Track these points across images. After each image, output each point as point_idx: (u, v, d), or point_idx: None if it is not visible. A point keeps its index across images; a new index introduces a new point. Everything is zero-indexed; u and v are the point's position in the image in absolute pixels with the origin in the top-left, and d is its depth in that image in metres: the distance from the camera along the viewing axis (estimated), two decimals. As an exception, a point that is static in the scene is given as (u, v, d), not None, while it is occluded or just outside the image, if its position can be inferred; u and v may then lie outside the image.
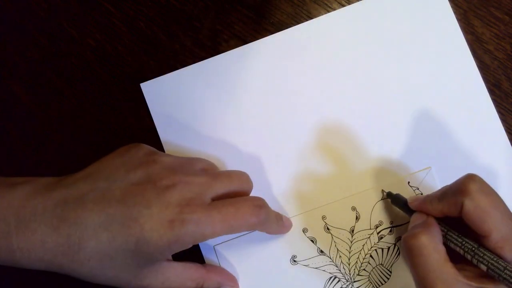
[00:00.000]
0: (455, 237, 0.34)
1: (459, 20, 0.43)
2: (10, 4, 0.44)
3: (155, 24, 0.44)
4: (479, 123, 0.42)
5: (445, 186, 0.37)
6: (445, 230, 0.35)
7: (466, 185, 0.33)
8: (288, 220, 0.41)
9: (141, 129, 0.43)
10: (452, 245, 0.34)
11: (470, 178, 0.33)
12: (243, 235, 0.41)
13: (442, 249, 0.33)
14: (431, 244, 0.33)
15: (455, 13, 0.43)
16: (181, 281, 0.36)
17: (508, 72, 0.43)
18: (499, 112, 0.42)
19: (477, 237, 0.33)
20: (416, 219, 0.36)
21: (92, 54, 0.44)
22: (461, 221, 0.33)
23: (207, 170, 0.39)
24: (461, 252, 0.33)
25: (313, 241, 0.41)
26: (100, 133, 0.43)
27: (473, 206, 0.32)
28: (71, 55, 0.44)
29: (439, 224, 0.35)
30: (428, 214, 0.36)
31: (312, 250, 0.41)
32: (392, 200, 0.40)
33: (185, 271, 0.36)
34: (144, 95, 0.43)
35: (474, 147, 0.42)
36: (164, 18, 0.44)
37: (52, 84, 0.44)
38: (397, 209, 0.40)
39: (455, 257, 0.33)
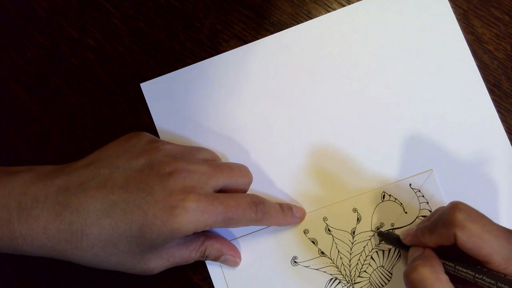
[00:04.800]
0: (464, 269, 0.33)
1: (459, 20, 0.43)
2: (10, 4, 0.44)
3: (155, 24, 0.44)
4: (479, 123, 0.42)
5: (434, 213, 0.36)
6: (452, 265, 0.34)
7: (454, 216, 0.32)
8: (299, 210, 0.41)
9: (141, 128, 0.43)
10: (462, 276, 0.33)
11: (456, 208, 0.33)
12: (244, 235, 0.41)
13: (445, 278, 0.32)
14: (433, 274, 0.32)
15: (455, 13, 0.43)
16: (186, 253, 0.36)
17: (508, 72, 0.43)
18: (499, 112, 0.42)
19: (478, 262, 0.32)
20: (414, 252, 0.36)
21: (92, 54, 0.44)
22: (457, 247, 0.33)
23: (209, 160, 0.39)
24: (472, 280, 0.33)
25: (314, 242, 0.41)
26: (100, 133, 0.43)
27: (466, 236, 0.31)
28: (71, 55, 0.44)
29: (445, 261, 0.34)
30: (424, 247, 0.35)
31: (313, 251, 0.41)
32: (384, 239, 0.40)
33: (187, 243, 0.37)
34: (144, 95, 0.43)
35: (474, 147, 0.42)
36: (164, 18, 0.44)
37: (52, 84, 0.44)
38: (398, 213, 0.40)
39: (457, 282, 0.33)
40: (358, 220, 0.41)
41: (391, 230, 0.40)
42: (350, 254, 0.41)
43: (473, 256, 0.32)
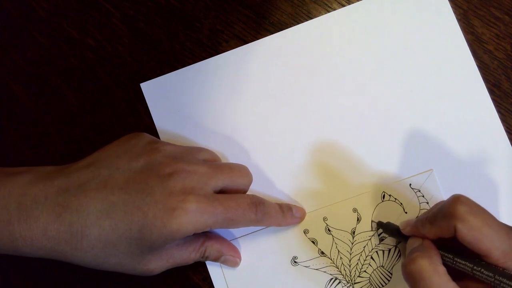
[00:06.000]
0: (463, 261, 0.33)
1: (459, 20, 0.43)
2: (10, 4, 0.44)
3: (155, 24, 0.44)
4: (479, 123, 0.42)
5: (435, 206, 0.36)
6: (451, 257, 0.34)
7: (455, 209, 0.32)
8: (299, 210, 0.41)
9: (141, 128, 0.43)
10: (460, 269, 0.33)
11: (458, 200, 0.33)
12: (244, 235, 0.41)
13: (442, 270, 0.32)
14: (431, 266, 0.32)
15: (455, 13, 0.43)
16: (185, 254, 0.37)
17: (508, 72, 0.43)
18: (499, 112, 0.42)
19: (477, 256, 0.33)
20: (412, 243, 0.36)
21: (92, 54, 0.44)
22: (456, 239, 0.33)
23: (209, 160, 0.39)
24: (470, 272, 0.33)
25: (314, 242, 0.41)
26: (100, 133, 0.43)
27: (467, 229, 0.31)
28: (71, 55, 0.44)
29: (443, 252, 0.34)
30: (423, 238, 0.36)
31: (313, 251, 0.41)
32: (384, 229, 0.40)
33: (187, 243, 0.37)
34: (144, 95, 0.43)
35: (474, 147, 0.42)
36: (164, 18, 0.44)
37: (52, 84, 0.44)
38: (398, 213, 0.40)
39: (455, 275, 0.33)
40: (358, 220, 0.41)
41: (390, 222, 0.40)
42: (350, 254, 0.41)
43: (472, 249, 0.32)
